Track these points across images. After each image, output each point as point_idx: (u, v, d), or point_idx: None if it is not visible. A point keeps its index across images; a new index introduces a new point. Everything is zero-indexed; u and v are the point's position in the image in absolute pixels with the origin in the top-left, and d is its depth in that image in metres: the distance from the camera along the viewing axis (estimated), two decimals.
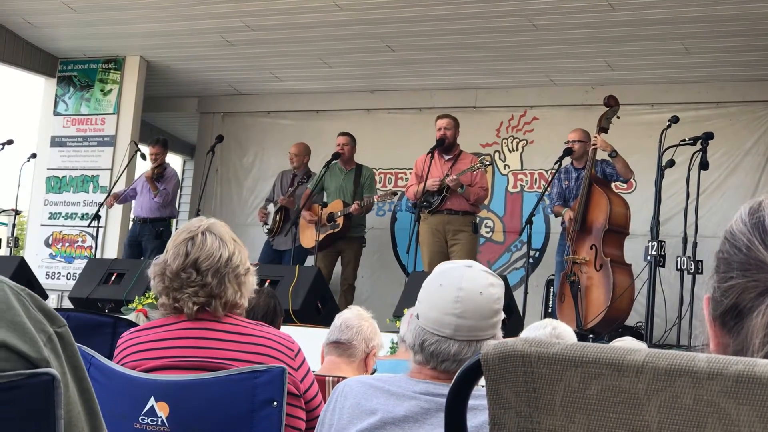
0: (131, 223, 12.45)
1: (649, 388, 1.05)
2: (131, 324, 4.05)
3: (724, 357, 1.04)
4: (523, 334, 4.33)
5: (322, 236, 10.68)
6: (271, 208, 11.64)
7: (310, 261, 11.15)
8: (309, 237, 10.94)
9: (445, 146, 10.18)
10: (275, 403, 2.94)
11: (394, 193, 10.92)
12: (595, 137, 9.44)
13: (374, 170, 11.53)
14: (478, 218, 10.37)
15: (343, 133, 11.30)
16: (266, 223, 11.57)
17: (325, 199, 11.09)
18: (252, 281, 3.32)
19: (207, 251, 3.19)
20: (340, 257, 10.99)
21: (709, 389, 1.03)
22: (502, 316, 2.65)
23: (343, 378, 3.71)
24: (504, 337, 7.63)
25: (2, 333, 1.34)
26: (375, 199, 10.70)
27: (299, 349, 3.26)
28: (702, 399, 1.03)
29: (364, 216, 11.11)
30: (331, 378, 4.12)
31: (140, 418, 2.98)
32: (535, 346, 1.10)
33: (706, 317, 1.27)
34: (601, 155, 9.65)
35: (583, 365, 1.08)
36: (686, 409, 1.04)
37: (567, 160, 9.90)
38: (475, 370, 1.15)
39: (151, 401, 2.99)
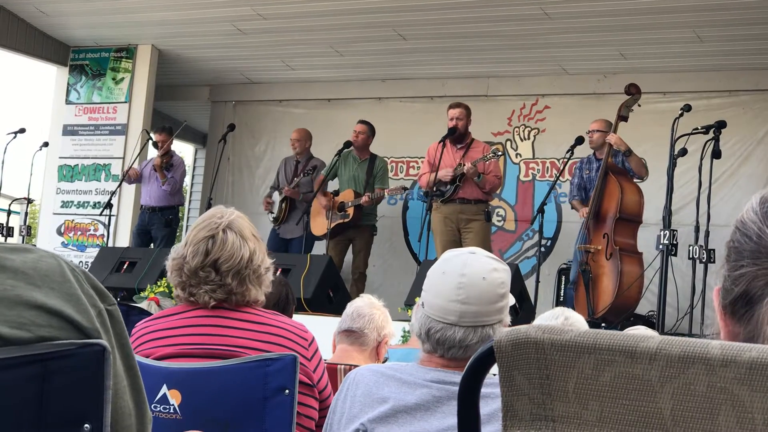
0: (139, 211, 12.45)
1: (663, 375, 1.05)
2: (144, 312, 4.06)
3: (738, 344, 1.04)
4: (535, 322, 4.32)
5: (332, 225, 10.69)
6: (276, 196, 11.62)
7: (319, 248, 11.15)
8: (320, 225, 10.94)
9: (457, 135, 10.17)
10: (287, 391, 2.94)
11: (405, 188, 10.88)
12: (610, 135, 9.43)
13: (386, 159, 11.49)
14: (490, 206, 10.35)
15: (362, 122, 11.24)
16: (271, 212, 11.55)
17: (337, 188, 11.10)
18: (270, 277, 3.29)
19: (228, 252, 3.15)
20: (351, 246, 11.00)
21: (722, 376, 1.03)
22: (510, 301, 2.64)
23: (355, 366, 3.72)
24: (517, 325, 7.68)
25: (59, 302, 1.41)
26: (386, 193, 10.67)
27: (313, 339, 3.25)
28: (715, 386, 1.03)
29: (376, 205, 11.11)
30: (342, 366, 4.13)
31: (153, 406, 2.98)
32: (548, 333, 1.10)
33: (716, 307, 1.27)
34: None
35: (596, 352, 1.08)
36: (700, 397, 1.04)
37: (584, 152, 9.89)
38: (488, 357, 1.15)
39: (164, 389, 3.00)
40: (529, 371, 1.11)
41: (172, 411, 2.98)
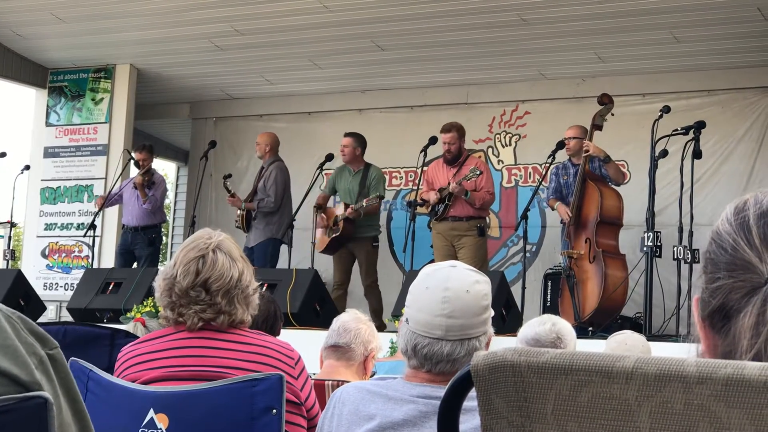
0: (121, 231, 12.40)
1: (640, 395, 1.05)
2: (129, 335, 4.04)
3: (713, 361, 1.04)
4: (521, 331, 4.33)
5: (327, 241, 10.67)
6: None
7: (326, 264, 11.14)
8: (321, 241, 10.90)
9: (451, 159, 10.22)
10: (274, 410, 2.93)
11: (381, 197, 10.78)
12: (587, 144, 9.44)
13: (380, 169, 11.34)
14: (484, 221, 10.33)
15: (347, 134, 11.11)
16: (237, 221, 11.47)
17: (337, 201, 11.07)
18: (257, 299, 3.32)
19: (218, 272, 3.17)
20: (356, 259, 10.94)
21: (699, 393, 1.03)
22: (491, 312, 2.65)
23: (343, 382, 3.72)
24: (504, 332, 7.58)
25: None
26: (364, 202, 10.56)
27: (299, 358, 3.25)
28: (692, 403, 1.04)
29: (376, 216, 10.99)
30: (330, 382, 4.12)
31: (140, 431, 2.98)
32: (524, 356, 1.10)
33: (696, 318, 1.27)
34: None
35: (573, 373, 1.08)
36: (677, 414, 1.04)
37: (565, 156, 9.91)
38: (465, 381, 1.15)
39: (151, 413, 2.99)
40: (507, 394, 1.11)
41: None
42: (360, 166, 10.96)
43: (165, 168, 17.91)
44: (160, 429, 2.97)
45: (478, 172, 9.90)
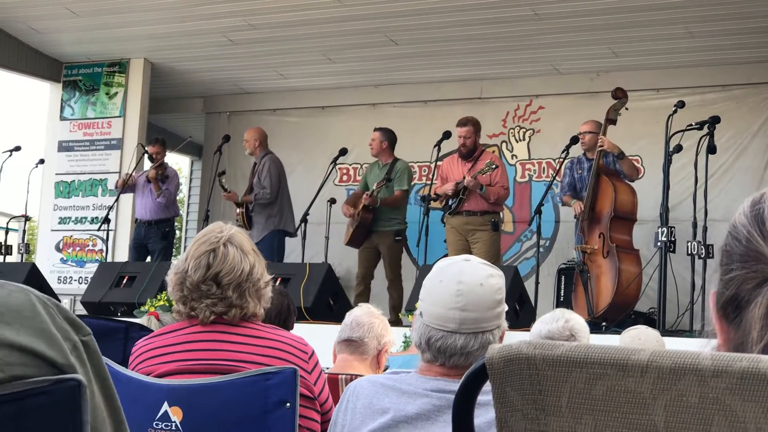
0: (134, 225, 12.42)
1: (655, 388, 1.05)
2: (143, 329, 4.05)
3: (729, 354, 1.04)
4: (535, 327, 4.33)
5: (350, 233, 10.67)
6: None
7: (339, 258, 11.07)
8: (347, 234, 10.90)
9: (466, 153, 10.21)
10: (288, 404, 2.94)
11: (389, 179, 10.77)
12: (602, 139, 9.42)
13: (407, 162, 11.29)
14: (499, 216, 10.31)
15: (376, 129, 11.16)
16: (237, 221, 11.43)
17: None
18: (269, 292, 3.32)
19: (229, 265, 3.18)
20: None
21: (714, 387, 1.03)
22: (505, 307, 2.65)
23: (357, 376, 3.72)
24: (517, 327, 7.59)
25: (29, 339, 1.36)
26: (375, 186, 10.55)
27: (313, 352, 3.25)
28: (707, 397, 1.04)
29: (401, 209, 10.93)
30: (344, 376, 4.13)
31: (154, 424, 2.99)
32: (539, 349, 1.10)
33: (712, 311, 1.28)
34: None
35: (588, 366, 1.08)
36: (692, 408, 1.04)
37: (579, 151, 9.90)
38: (480, 373, 1.15)
39: (165, 406, 3.00)
40: (522, 387, 1.11)
41: (173, 428, 2.98)
42: (389, 160, 10.96)
43: (179, 162, 17.94)
44: (174, 422, 2.98)
45: (494, 166, 9.89)
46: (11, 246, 12.49)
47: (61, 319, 1.42)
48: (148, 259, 11.77)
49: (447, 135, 10.35)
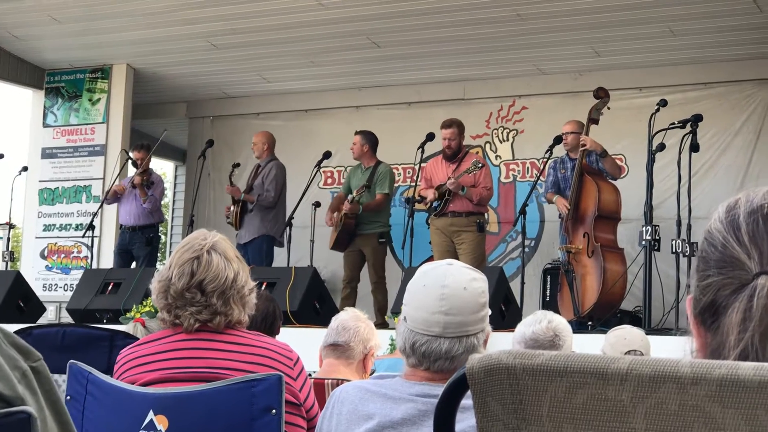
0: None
1: (635, 396, 1.06)
2: (128, 337, 4.05)
3: (708, 362, 1.04)
4: (517, 330, 4.33)
5: (334, 237, 10.66)
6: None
7: (325, 261, 11.06)
8: (331, 238, 10.89)
9: (450, 155, 10.21)
10: (274, 411, 2.94)
11: (368, 187, 10.76)
12: (584, 138, 9.43)
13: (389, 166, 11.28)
14: (484, 217, 10.31)
15: (357, 132, 11.17)
16: (228, 217, 11.43)
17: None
18: (254, 299, 3.32)
19: (213, 272, 3.18)
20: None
21: (693, 394, 1.04)
22: (489, 311, 2.66)
23: (343, 380, 3.72)
24: (503, 327, 7.59)
25: None
26: (355, 193, 10.55)
27: (298, 358, 3.26)
28: (687, 404, 1.04)
29: (384, 212, 10.91)
30: (330, 380, 4.13)
31: None
32: (519, 358, 1.10)
33: (689, 317, 1.28)
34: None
35: (568, 375, 1.08)
36: (672, 415, 1.04)
37: (563, 151, 9.91)
38: (461, 384, 1.15)
39: (150, 415, 2.99)
40: (502, 397, 1.11)
41: None
42: (371, 163, 10.95)
43: (163, 167, 17.89)
44: (160, 430, 2.97)
45: (480, 165, 9.92)
46: None
47: (7, 346, 1.37)
48: (133, 264, 11.74)
49: (431, 137, 10.36)
